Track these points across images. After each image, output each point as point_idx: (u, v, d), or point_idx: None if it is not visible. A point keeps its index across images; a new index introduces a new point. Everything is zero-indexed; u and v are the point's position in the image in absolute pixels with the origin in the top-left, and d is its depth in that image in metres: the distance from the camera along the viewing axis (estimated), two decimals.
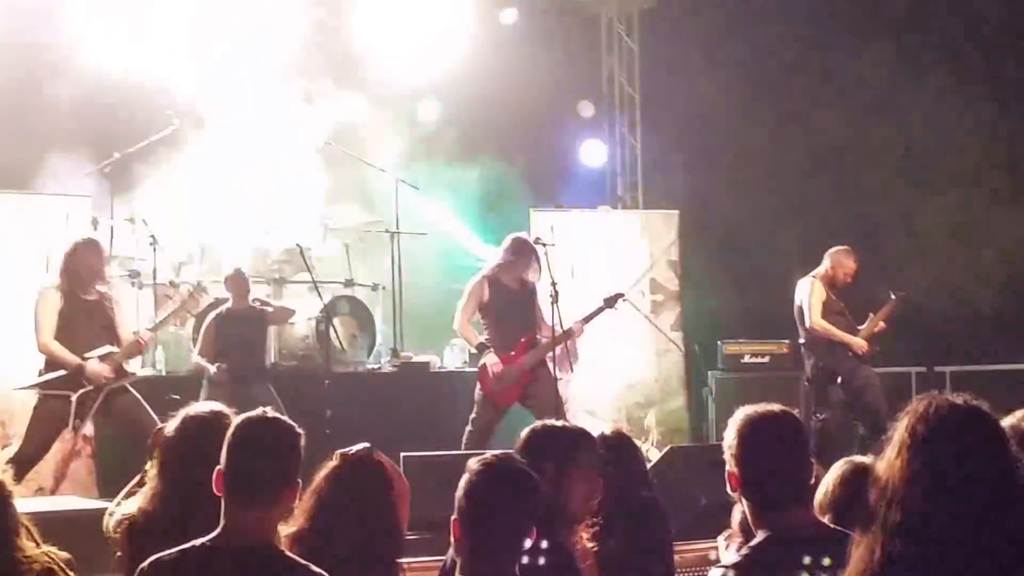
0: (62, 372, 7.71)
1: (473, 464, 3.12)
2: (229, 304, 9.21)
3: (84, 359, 7.73)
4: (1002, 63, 11.87)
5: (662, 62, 13.04)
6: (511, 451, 3.41)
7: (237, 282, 9.15)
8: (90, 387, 7.73)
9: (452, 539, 3.08)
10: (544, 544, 3.30)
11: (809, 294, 9.55)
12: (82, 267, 7.83)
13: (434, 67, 11.89)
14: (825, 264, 9.62)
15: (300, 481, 3.24)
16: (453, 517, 3.08)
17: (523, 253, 8.70)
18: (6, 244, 9.23)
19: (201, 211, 10.64)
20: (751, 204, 12.46)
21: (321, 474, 4.06)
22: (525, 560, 3.11)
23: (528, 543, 3.07)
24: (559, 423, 4.24)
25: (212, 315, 9.22)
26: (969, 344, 11.55)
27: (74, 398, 7.72)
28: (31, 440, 7.73)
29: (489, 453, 3.27)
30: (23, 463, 7.43)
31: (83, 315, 7.84)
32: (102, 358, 7.77)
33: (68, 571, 3.60)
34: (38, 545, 3.54)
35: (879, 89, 12.06)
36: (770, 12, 12.36)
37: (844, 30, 11.97)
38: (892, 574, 2.34)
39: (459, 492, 3.09)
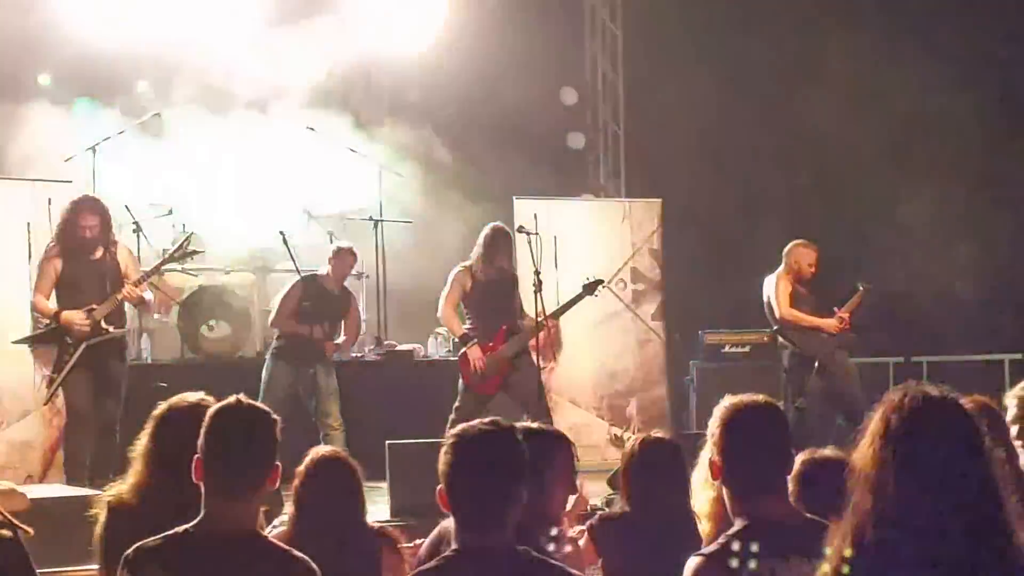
0: (47, 327, 7.91)
1: (454, 432, 3.06)
2: (323, 273, 9.07)
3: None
4: (983, 54, 11.92)
5: (646, 49, 13.02)
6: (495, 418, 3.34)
7: (342, 262, 9.00)
8: (70, 341, 7.80)
9: (442, 511, 3.03)
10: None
11: (775, 288, 9.68)
12: (79, 226, 7.86)
13: (416, 52, 11.93)
14: (785, 261, 9.71)
15: (279, 466, 3.24)
16: (439, 487, 3.01)
17: (496, 241, 8.75)
18: None
19: (184, 198, 10.66)
20: (733, 194, 12.51)
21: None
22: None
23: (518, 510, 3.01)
24: (534, 425, 4.19)
25: (301, 278, 9.00)
26: (947, 335, 11.62)
27: (56, 351, 7.86)
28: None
29: (475, 420, 3.17)
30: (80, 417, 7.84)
31: (85, 275, 7.91)
32: (85, 312, 7.83)
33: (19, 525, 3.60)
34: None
35: (862, 80, 12.10)
36: (754, 1, 12.41)
37: (828, 20, 11.99)
38: (863, 559, 2.37)
39: (440, 462, 3.02)
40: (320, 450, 4.49)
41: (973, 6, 11.97)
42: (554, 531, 3.82)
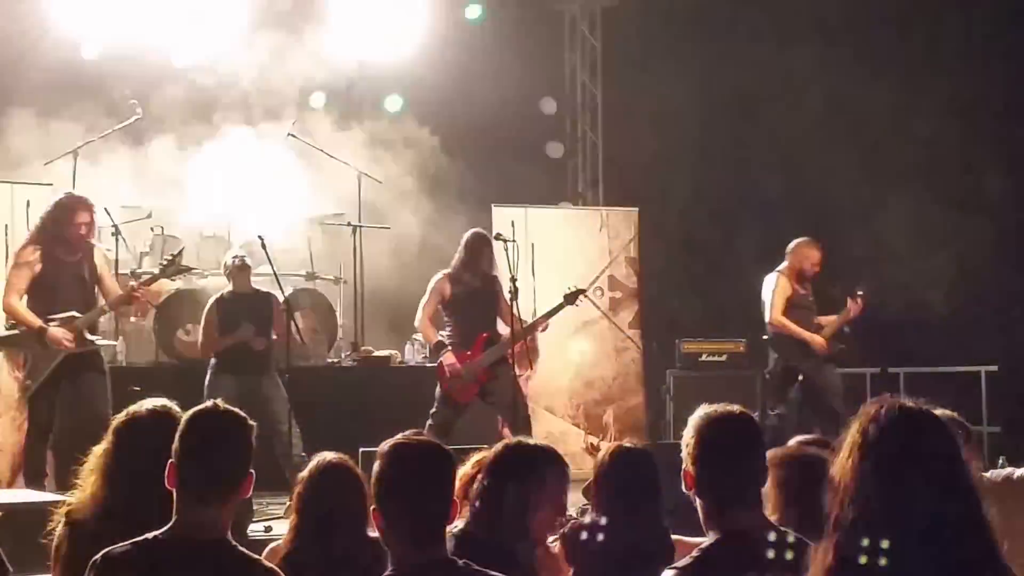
0: (24, 330, 7.67)
1: (383, 447, 3.01)
2: (230, 287, 8.88)
3: (48, 321, 7.60)
4: (959, 66, 11.95)
5: (624, 59, 13.08)
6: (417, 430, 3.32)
7: (241, 272, 8.76)
8: (47, 349, 7.61)
9: (377, 531, 2.99)
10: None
11: (772, 289, 9.43)
12: (74, 223, 7.69)
13: (397, 61, 11.94)
14: (789, 259, 9.47)
15: (253, 473, 3.19)
16: (372, 508, 2.98)
17: (476, 248, 8.71)
18: None
19: (163, 201, 10.60)
20: (710, 203, 12.54)
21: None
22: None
23: (450, 520, 3.01)
24: (530, 442, 4.16)
25: (213, 299, 8.84)
26: (923, 346, 11.62)
27: (31, 356, 7.68)
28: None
29: (400, 435, 3.14)
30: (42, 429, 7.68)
31: (62, 276, 7.71)
32: (63, 323, 7.63)
33: None
34: None
35: (838, 89, 12.11)
36: (731, 11, 12.44)
37: (804, 30, 12.01)
38: (848, 571, 2.38)
39: (372, 479, 2.99)
40: (326, 456, 4.26)
41: (946, 21, 12.02)
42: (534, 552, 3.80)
